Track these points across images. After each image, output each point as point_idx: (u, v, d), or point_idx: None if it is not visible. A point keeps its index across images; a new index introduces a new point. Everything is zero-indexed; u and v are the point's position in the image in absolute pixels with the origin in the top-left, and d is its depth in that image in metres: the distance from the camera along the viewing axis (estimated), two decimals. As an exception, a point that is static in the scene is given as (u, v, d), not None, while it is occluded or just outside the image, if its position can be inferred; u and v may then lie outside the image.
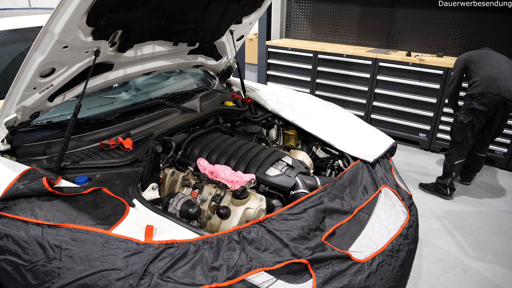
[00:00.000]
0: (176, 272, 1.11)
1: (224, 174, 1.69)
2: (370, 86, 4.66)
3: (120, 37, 1.66)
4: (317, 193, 1.57)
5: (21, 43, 2.02)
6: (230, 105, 2.42)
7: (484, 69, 3.20)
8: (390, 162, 2.12)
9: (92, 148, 1.76)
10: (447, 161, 3.47)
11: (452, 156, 3.41)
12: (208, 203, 1.58)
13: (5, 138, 1.54)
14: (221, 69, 2.75)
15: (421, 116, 4.43)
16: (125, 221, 1.26)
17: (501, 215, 3.26)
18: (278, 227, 1.34)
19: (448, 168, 3.44)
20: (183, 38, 2.08)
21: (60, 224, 1.21)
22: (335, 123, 2.31)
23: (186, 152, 1.97)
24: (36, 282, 1.13)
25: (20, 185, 1.33)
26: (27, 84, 1.44)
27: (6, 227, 1.24)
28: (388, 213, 1.67)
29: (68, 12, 1.27)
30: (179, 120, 2.12)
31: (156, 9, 1.64)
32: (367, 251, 1.42)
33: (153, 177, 1.58)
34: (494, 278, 2.51)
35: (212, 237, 1.23)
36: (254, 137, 2.19)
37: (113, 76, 1.92)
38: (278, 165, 1.83)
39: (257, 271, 1.17)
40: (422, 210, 3.27)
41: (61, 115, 1.92)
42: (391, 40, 4.92)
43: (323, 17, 5.36)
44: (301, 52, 5.08)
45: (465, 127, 3.27)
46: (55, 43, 1.34)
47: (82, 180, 1.48)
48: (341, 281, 1.26)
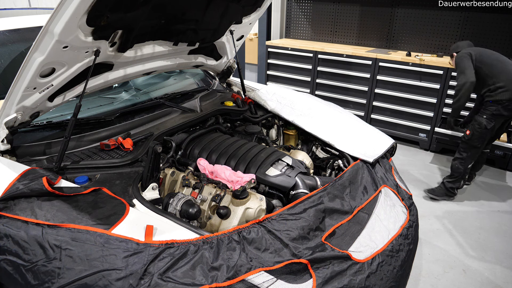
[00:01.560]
0: (176, 272, 1.11)
1: (224, 174, 1.69)
2: (370, 86, 4.66)
3: (120, 37, 1.66)
4: (317, 193, 1.57)
5: (21, 43, 2.02)
6: (230, 105, 2.42)
7: (505, 73, 3.06)
8: (390, 162, 2.12)
9: (92, 148, 1.76)
10: (460, 165, 3.34)
11: (467, 161, 3.32)
12: (208, 203, 1.58)
13: (5, 138, 1.54)
14: (221, 69, 2.75)
15: (421, 116, 4.43)
16: (125, 221, 1.26)
17: (501, 215, 3.26)
18: (278, 227, 1.34)
19: (461, 172, 3.34)
20: (183, 38, 2.08)
21: (60, 224, 1.21)
22: (335, 123, 2.31)
23: (186, 152, 1.97)
24: (36, 282, 1.13)
25: (20, 185, 1.33)
26: (27, 84, 1.44)
27: (6, 227, 1.24)
28: (388, 213, 1.67)
29: (68, 12, 1.27)
30: (179, 120, 2.12)
31: (156, 9, 1.64)
32: (367, 251, 1.42)
33: (153, 177, 1.58)
34: (494, 278, 2.51)
35: (212, 237, 1.23)
36: (254, 137, 2.19)
37: (113, 76, 1.92)
38: (278, 165, 1.83)
39: (257, 271, 1.17)
40: (422, 210, 3.27)
41: (61, 115, 1.92)
42: (391, 40, 4.92)
43: (323, 17, 5.36)
44: (301, 52, 5.08)
45: (487, 132, 3.19)
46: (55, 43, 1.34)
47: (82, 180, 1.48)
48: (341, 281, 1.26)
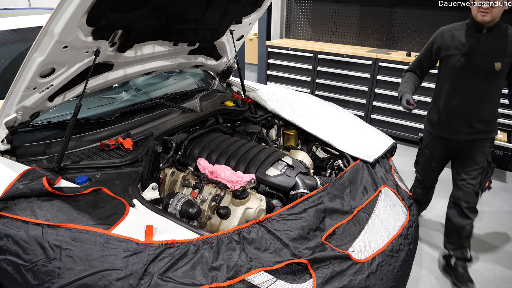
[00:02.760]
0: (176, 272, 1.11)
1: (224, 174, 1.69)
2: (370, 86, 4.66)
3: (120, 37, 1.66)
4: (317, 193, 1.57)
5: (21, 43, 2.02)
6: (230, 105, 2.42)
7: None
8: (390, 162, 2.12)
9: (92, 148, 1.76)
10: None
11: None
12: (208, 203, 1.58)
13: (5, 138, 1.54)
14: (221, 69, 2.75)
15: (421, 116, 4.43)
16: (125, 221, 1.26)
17: (501, 215, 3.26)
18: (278, 227, 1.34)
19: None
20: (183, 38, 2.08)
21: (60, 224, 1.21)
22: (335, 123, 2.31)
23: (186, 152, 1.97)
24: (36, 282, 1.13)
25: (20, 185, 1.33)
26: (27, 84, 1.44)
27: (6, 227, 1.24)
28: (388, 213, 1.67)
29: (68, 12, 1.27)
30: (179, 120, 2.12)
31: (156, 9, 1.64)
32: (367, 251, 1.42)
33: (153, 177, 1.58)
34: (494, 278, 2.51)
35: (212, 237, 1.23)
36: (254, 137, 2.19)
37: (113, 76, 1.92)
38: (278, 165, 1.83)
39: (257, 271, 1.17)
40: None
41: (61, 115, 1.92)
42: (391, 40, 4.92)
43: (323, 17, 5.36)
44: (301, 52, 5.08)
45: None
46: (55, 43, 1.34)
47: (82, 180, 1.48)
48: (341, 281, 1.26)
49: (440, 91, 2.38)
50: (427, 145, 2.61)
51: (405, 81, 2.45)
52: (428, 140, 2.58)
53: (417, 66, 2.49)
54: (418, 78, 2.51)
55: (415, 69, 2.50)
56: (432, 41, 2.34)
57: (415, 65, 2.50)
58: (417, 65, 2.49)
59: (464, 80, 2.22)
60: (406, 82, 2.44)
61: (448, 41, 2.25)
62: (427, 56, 2.39)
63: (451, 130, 2.36)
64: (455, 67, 2.22)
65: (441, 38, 2.29)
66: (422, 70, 2.49)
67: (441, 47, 2.28)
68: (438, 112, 2.41)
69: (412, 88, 2.41)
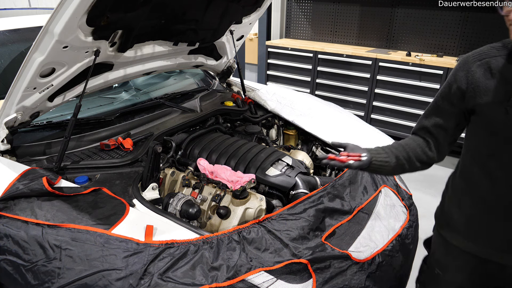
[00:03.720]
0: (176, 272, 1.11)
1: (224, 174, 1.69)
2: (370, 86, 4.66)
3: (120, 37, 1.66)
4: (317, 193, 1.57)
5: (21, 43, 2.03)
6: (230, 105, 2.42)
7: None
8: (390, 162, 2.11)
9: (92, 148, 1.76)
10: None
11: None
12: (208, 203, 1.58)
13: (5, 138, 1.55)
14: (221, 69, 2.75)
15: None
16: (125, 221, 1.26)
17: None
18: (278, 227, 1.34)
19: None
20: (183, 38, 2.08)
21: (60, 224, 1.22)
22: (335, 123, 2.31)
23: (186, 152, 1.97)
24: (36, 282, 1.13)
25: (20, 185, 1.33)
26: (27, 84, 1.44)
27: (6, 227, 1.24)
28: (388, 213, 1.68)
29: (68, 12, 1.27)
30: (179, 120, 2.12)
31: (156, 9, 1.63)
32: (367, 251, 1.42)
33: (153, 177, 1.58)
34: (494, 278, 2.51)
35: (212, 237, 1.23)
36: (254, 137, 2.19)
37: (113, 76, 1.92)
38: (278, 165, 1.83)
39: (257, 271, 1.17)
40: (422, 210, 3.26)
41: (61, 115, 1.92)
42: (391, 40, 4.92)
43: (323, 17, 5.36)
44: (301, 52, 5.08)
45: None
46: (55, 43, 1.35)
47: (82, 180, 1.48)
48: (341, 281, 1.26)
49: (470, 169, 1.24)
50: (440, 263, 1.41)
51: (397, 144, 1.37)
52: (444, 254, 1.39)
53: (426, 125, 1.31)
54: (427, 144, 1.30)
55: (421, 130, 1.33)
56: (450, 82, 1.23)
57: (422, 122, 1.33)
58: (426, 122, 1.31)
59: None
60: (396, 143, 1.37)
61: (481, 79, 1.16)
62: (443, 110, 1.26)
63: (494, 245, 1.23)
64: (499, 125, 1.12)
65: (465, 74, 1.19)
66: (434, 132, 1.28)
67: (467, 90, 1.18)
68: (466, 208, 1.26)
69: (395, 153, 1.31)
